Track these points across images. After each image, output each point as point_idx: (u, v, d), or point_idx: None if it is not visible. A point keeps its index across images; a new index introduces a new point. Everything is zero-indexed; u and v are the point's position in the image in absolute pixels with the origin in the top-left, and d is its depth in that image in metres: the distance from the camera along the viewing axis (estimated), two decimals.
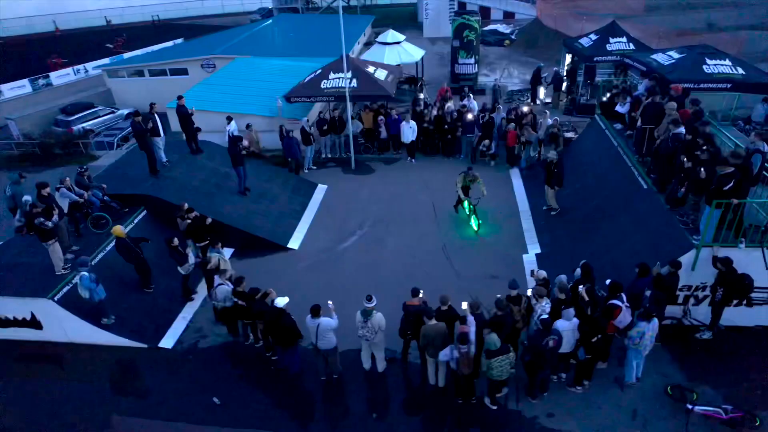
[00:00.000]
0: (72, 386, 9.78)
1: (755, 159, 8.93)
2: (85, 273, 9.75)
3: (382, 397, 9.20)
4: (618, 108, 13.51)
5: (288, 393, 9.33)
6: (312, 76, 17.62)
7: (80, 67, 30.87)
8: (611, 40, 19.55)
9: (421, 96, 18.78)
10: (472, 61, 23.21)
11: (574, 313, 8.28)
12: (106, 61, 31.72)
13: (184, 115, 14.30)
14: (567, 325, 8.26)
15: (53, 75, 30.22)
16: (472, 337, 8.14)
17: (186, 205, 11.82)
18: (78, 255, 11.07)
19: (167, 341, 10.48)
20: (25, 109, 26.68)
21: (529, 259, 12.10)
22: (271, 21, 36.51)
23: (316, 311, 8.66)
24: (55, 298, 10.05)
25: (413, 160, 17.27)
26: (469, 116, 16.27)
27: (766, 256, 8.73)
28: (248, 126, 16.85)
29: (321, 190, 15.96)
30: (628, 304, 8.55)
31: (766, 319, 9.61)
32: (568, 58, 21.90)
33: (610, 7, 36.73)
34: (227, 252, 13.09)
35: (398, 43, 21.52)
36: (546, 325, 8.01)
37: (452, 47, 23.38)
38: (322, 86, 16.90)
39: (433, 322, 8.43)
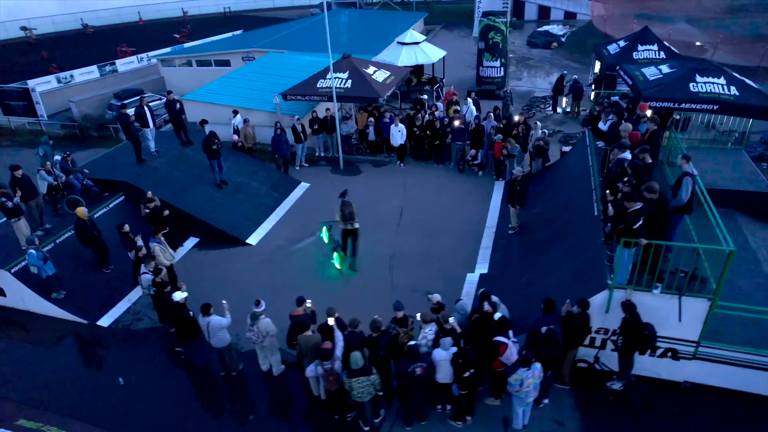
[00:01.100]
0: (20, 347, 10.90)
1: (685, 183, 7.97)
2: (33, 251, 10.72)
3: (268, 399, 9.33)
4: (600, 125, 12.48)
5: (185, 383, 9.73)
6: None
7: (143, 55, 33.43)
8: (639, 47, 18.03)
9: (425, 98, 18.43)
10: (497, 64, 22.30)
11: (451, 343, 7.90)
12: (167, 50, 34.10)
13: (172, 108, 15.13)
14: (444, 355, 7.90)
15: (119, 62, 32.97)
16: (339, 353, 8.03)
17: (149, 194, 12.53)
18: (48, 233, 12.24)
19: (105, 320, 11.28)
20: (87, 93, 29.43)
21: (472, 279, 11.60)
22: (330, 13, 37.26)
23: (205, 309, 8.94)
24: (12, 270, 11.14)
25: (402, 164, 17.04)
26: (456, 123, 15.74)
27: (681, 307, 7.76)
28: (246, 121, 17.44)
29: (302, 188, 16.23)
30: (515, 340, 8.02)
31: (695, 376, 8.55)
32: (598, 65, 20.43)
33: (685, 8, 33.66)
34: (191, 241, 13.89)
35: (416, 43, 21.15)
36: (412, 352, 7.72)
37: (478, 49, 22.63)
38: (318, 85, 17.12)
39: (310, 333, 8.43)
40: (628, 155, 9.17)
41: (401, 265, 12.35)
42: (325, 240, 12.78)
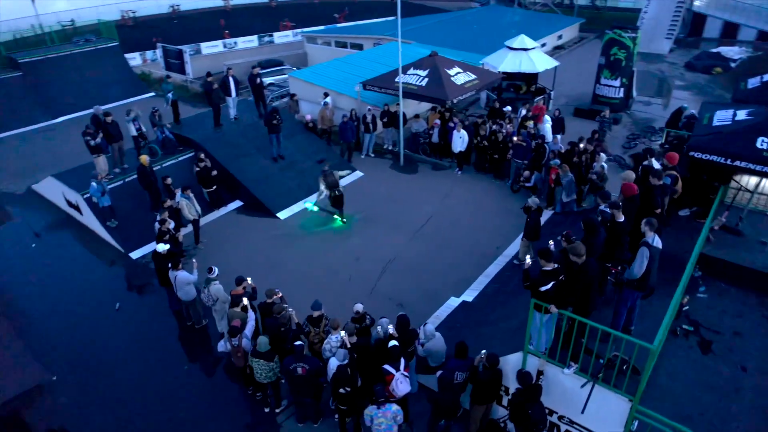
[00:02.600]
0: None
1: (640, 254, 6.65)
2: (94, 183, 12.94)
3: (211, 358, 10.10)
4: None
5: (160, 322, 10.96)
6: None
7: (298, 31, 36.64)
8: None
9: (508, 110, 17.38)
10: (617, 83, 19.88)
11: (345, 355, 7.78)
12: (320, 28, 36.81)
13: (254, 82, 16.60)
14: (335, 365, 7.83)
15: (276, 35, 36.72)
16: (248, 332, 8.44)
17: (202, 155, 14.20)
18: (124, 172, 14.61)
19: (136, 253, 13.18)
20: (240, 59, 33.33)
21: (452, 304, 11.01)
22: (473, 10, 36.69)
23: (175, 264, 10.01)
24: (84, 196, 13.60)
25: (459, 172, 16.45)
26: (515, 139, 14.64)
27: (590, 397, 6.52)
28: (325, 104, 18.37)
29: (354, 176, 16.67)
30: (406, 374, 7.58)
31: None
32: None
33: None
34: (236, 204, 15.32)
35: (525, 49, 19.80)
36: (295, 351, 7.80)
37: (598, 65, 20.40)
38: (395, 80, 17.23)
39: (237, 309, 8.96)
40: (606, 208, 7.83)
41: (394, 271, 12.18)
42: (315, 210, 14.57)
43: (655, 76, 25.97)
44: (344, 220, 14.08)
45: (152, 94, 24.78)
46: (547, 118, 16.24)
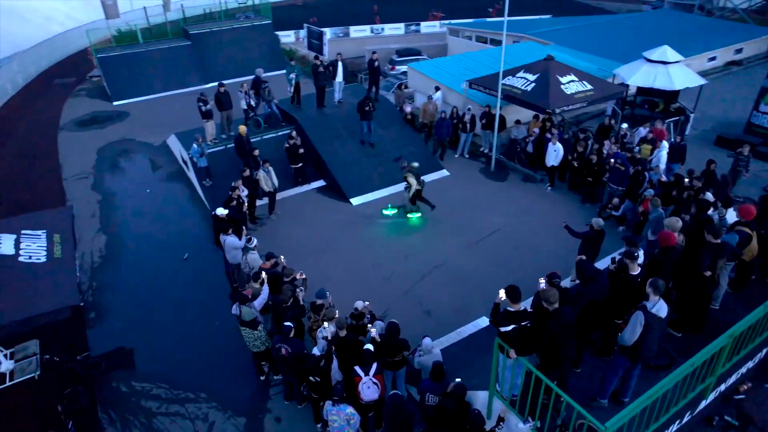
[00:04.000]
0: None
1: (633, 319, 5.60)
2: (195, 145, 14.59)
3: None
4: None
5: (210, 281, 12.01)
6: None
7: (445, 22, 36.49)
8: None
9: (624, 126, 15.52)
10: None
11: (325, 345, 7.89)
12: (468, 21, 36.21)
13: (371, 66, 17.05)
14: (316, 354, 8.00)
15: (423, 24, 37.03)
16: (257, 304, 8.95)
17: (293, 133, 15.18)
18: (230, 138, 16.22)
19: (220, 210, 14.53)
20: (380, 45, 34.22)
21: (479, 324, 10.36)
22: (639, 14, 32.95)
23: (225, 228, 10.94)
24: (189, 154, 15.43)
25: (549, 188, 15.18)
26: (612, 161, 13.02)
27: None
28: (429, 97, 18.21)
29: (439, 174, 16.38)
30: (376, 381, 7.43)
31: None
32: None
33: None
34: (319, 183, 16.09)
35: (664, 63, 17.27)
36: (285, 332, 8.07)
37: (762, 87, 17.08)
38: (503, 82, 16.38)
39: (256, 284, 9.48)
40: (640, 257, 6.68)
41: (436, 277, 11.82)
42: (390, 214, 14.22)
43: None
44: (419, 214, 14.09)
45: (284, 71, 26.84)
46: (665, 144, 14.10)
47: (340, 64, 16.94)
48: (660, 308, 5.49)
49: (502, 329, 5.84)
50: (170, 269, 12.46)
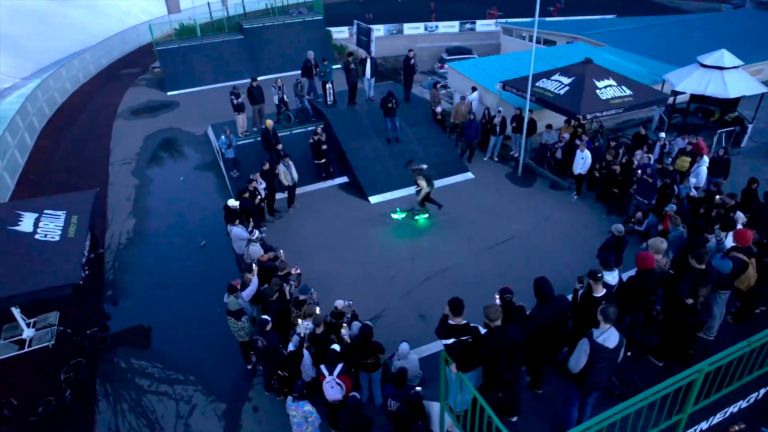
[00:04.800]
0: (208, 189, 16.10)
1: (579, 347, 5.27)
2: (223, 137, 15.16)
3: None
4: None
5: (222, 268, 12.37)
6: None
7: (503, 21, 35.49)
8: None
9: (662, 136, 14.53)
10: None
11: (297, 341, 8.01)
12: (524, 20, 35.04)
13: (407, 64, 16.94)
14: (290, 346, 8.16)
15: (478, 23, 36.25)
16: (245, 295, 9.20)
17: (319, 129, 15.43)
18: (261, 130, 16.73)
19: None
20: (432, 42, 33.95)
21: None
22: (714, 14, 30.55)
23: (231, 219, 11.33)
24: (218, 144, 16.03)
25: (576, 197, 14.48)
26: (639, 172, 12.23)
27: None
28: (462, 98, 17.87)
29: (463, 176, 16.06)
30: (340, 381, 7.46)
31: None
32: None
33: None
34: (342, 179, 16.25)
35: (720, 68, 15.90)
36: (261, 325, 8.24)
37: None
38: (536, 84, 15.81)
39: (249, 275, 9.76)
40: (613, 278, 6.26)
41: (439, 282, 11.63)
42: (399, 217, 14.04)
43: None
44: (427, 215, 13.91)
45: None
46: (705, 159, 13.04)
47: (368, 61, 16.99)
48: (608, 338, 5.10)
49: (443, 342, 5.67)
50: (187, 255, 13.05)
